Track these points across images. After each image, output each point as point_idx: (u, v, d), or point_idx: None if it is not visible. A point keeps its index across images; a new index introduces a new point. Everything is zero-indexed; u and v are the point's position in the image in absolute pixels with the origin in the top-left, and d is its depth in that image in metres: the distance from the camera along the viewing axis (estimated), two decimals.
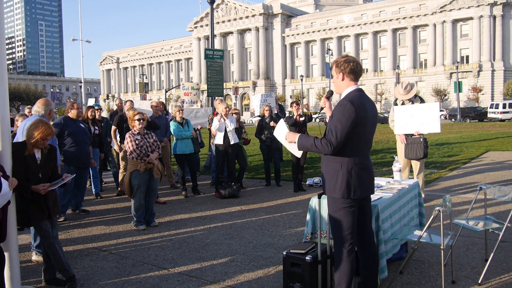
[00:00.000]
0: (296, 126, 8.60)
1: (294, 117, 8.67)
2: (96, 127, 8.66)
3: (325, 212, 3.73)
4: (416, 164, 7.35)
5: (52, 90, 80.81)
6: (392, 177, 5.08)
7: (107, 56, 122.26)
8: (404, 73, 72.39)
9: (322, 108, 3.81)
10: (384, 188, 4.42)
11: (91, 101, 10.21)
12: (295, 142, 3.37)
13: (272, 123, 9.01)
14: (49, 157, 4.32)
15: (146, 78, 76.01)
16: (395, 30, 76.54)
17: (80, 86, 60.50)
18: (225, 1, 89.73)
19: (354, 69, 3.28)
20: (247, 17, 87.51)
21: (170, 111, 11.24)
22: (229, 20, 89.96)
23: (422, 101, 7.39)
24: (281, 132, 3.61)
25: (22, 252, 5.41)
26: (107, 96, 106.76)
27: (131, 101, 9.52)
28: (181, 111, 8.65)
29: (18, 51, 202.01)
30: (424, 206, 5.11)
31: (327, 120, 3.60)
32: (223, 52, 12.56)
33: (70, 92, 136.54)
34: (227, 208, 7.48)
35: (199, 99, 12.14)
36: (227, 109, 8.49)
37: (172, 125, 8.60)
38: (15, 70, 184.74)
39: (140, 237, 5.97)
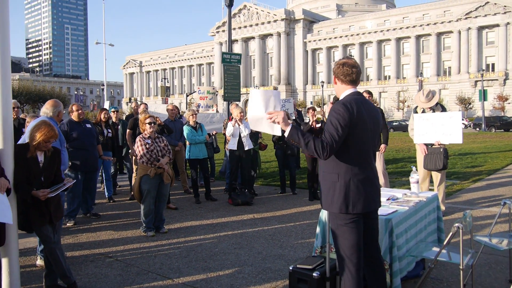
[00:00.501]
0: (312, 133, 8.38)
1: (310, 123, 8.45)
2: (109, 130, 8.59)
3: None
4: (436, 175, 7.03)
5: (76, 92, 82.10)
6: (410, 189, 4.82)
7: (130, 59, 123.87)
8: (428, 81, 71.27)
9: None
10: (400, 200, 4.17)
11: (107, 104, 10.16)
12: (284, 130, 3.03)
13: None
14: (53, 161, 4.21)
15: (167, 82, 76.61)
16: (418, 37, 75.45)
17: (102, 89, 61.25)
18: (247, 6, 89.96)
19: (348, 73, 3.09)
20: (269, 22, 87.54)
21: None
22: (250, 25, 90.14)
23: (443, 109, 7.09)
24: (264, 103, 3.14)
25: (29, 255, 5.35)
26: (129, 99, 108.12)
27: (145, 104, 9.44)
28: (194, 115, 8.52)
29: (44, 54, 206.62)
30: (445, 220, 4.85)
31: (315, 126, 3.42)
32: (240, 56, 12.43)
33: (94, 94, 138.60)
34: (239, 216, 7.30)
35: (215, 103, 12.02)
36: (242, 113, 8.32)
37: (186, 130, 8.48)
38: (41, 72, 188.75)
39: (148, 244, 5.83)
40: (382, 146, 8.03)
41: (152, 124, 6.28)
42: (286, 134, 3.01)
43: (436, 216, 4.50)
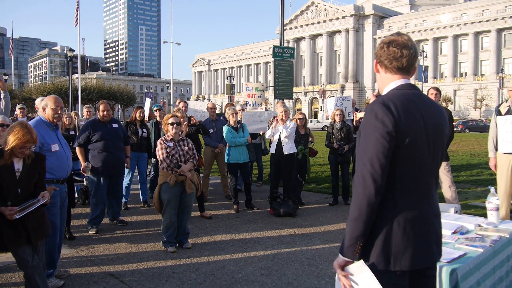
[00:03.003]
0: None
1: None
2: (145, 130, 7.97)
3: None
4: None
5: (146, 90, 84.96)
6: (486, 217, 3.60)
7: (199, 58, 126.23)
8: (510, 77, 65.71)
9: None
10: (472, 236, 3.01)
11: (148, 102, 9.65)
12: (343, 264, 2.01)
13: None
14: (33, 169, 3.51)
15: (233, 80, 77.01)
16: (500, 31, 69.66)
17: (167, 87, 62.51)
18: (315, 3, 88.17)
19: (395, 56, 2.04)
20: (337, 18, 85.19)
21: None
22: (318, 22, 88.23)
23: None
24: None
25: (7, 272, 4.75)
26: (197, 97, 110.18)
27: (185, 102, 8.72)
28: (235, 115, 7.65)
29: (120, 54, 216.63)
30: None
31: None
32: (293, 50, 11.42)
33: (164, 93, 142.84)
34: (278, 230, 6.35)
35: (264, 101, 11.12)
36: (285, 113, 7.33)
37: (225, 130, 7.64)
38: (117, 71, 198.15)
39: (164, 263, 5.05)
40: (444, 164, 6.43)
41: (175, 125, 5.48)
42: (347, 255, 1.98)
43: None
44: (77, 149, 6.32)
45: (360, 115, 8.01)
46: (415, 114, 1.95)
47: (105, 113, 6.35)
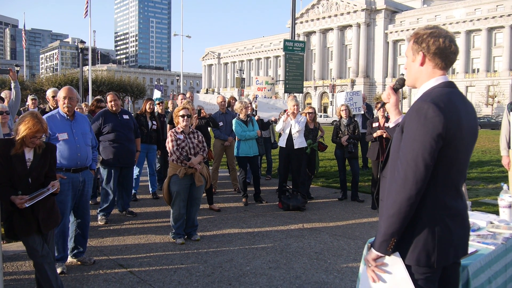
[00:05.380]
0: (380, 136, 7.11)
1: (379, 120, 7.21)
2: (154, 122, 7.98)
3: None
4: None
5: (156, 83, 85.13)
6: (498, 214, 3.56)
7: (209, 51, 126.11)
8: None
9: (383, 104, 2.44)
10: (483, 233, 2.98)
11: (157, 93, 9.62)
12: (376, 257, 2.01)
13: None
14: (44, 159, 3.53)
15: (243, 73, 76.88)
16: None
17: (177, 80, 62.45)
18: None
19: (444, 49, 1.98)
20: (348, 13, 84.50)
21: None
22: (329, 16, 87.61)
23: None
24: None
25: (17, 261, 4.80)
26: (207, 90, 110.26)
27: (183, 94, 8.67)
28: (245, 109, 7.63)
29: (131, 46, 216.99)
30: None
31: (389, 126, 2.33)
32: (304, 44, 11.34)
33: (174, 85, 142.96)
34: (286, 225, 6.34)
35: (274, 95, 11.08)
36: (296, 107, 7.30)
37: (235, 124, 7.63)
38: (127, 63, 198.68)
39: (172, 253, 5.07)
40: None
41: (186, 117, 5.48)
42: (381, 251, 1.98)
43: None
44: None
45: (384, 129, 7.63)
46: (461, 115, 1.92)
47: (112, 103, 6.34)
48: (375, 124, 7.21)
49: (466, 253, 2.08)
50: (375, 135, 7.06)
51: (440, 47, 1.98)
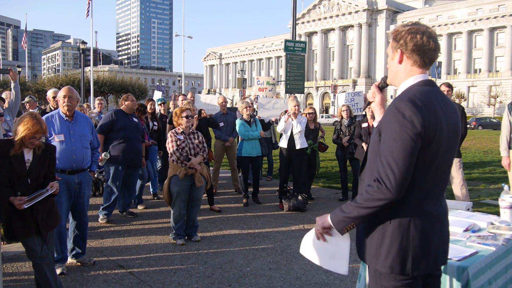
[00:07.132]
0: (369, 134, 7.05)
1: (368, 120, 7.10)
2: (155, 122, 7.98)
3: None
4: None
5: (158, 83, 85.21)
6: (499, 215, 3.54)
7: (210, 52, 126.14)
8: None
9: (369, 104, 2.39)
10: (484, 234, 2.96)
11: (158, 94, 9.63)
12: (327, 227, 2.03)
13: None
14: (43, 160, 3.52)
15: (245, 74, 76.90)
16: None
17: (179, 80, 62.54)
18: None
19: (422, 45, 1.91)
20: (350, 13, 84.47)
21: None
22: (331, 17, 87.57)
23: None
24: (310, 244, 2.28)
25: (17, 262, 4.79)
26: (208, 91, 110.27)
27: (184, 95, 8.68)
28: (248, 108, 7.63)
29: (132, 47, 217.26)
30: None
31: (371, 125, 2.31)
32: (305, 44, 11.33)
33: (176, 86, 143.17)
34: (287, 226, 6.32)
35: (275, 95, 11.07)
36: (297, 107, 7.28)
37: (238, 124, 7.62)
38: (129, 64, 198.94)
39: (172, 254, 5.07)
40: (456, 160, 6.39)
41: (190, 118, 5.48)
42: (336, 227, 1.99)
43: None
44: (99, 136, 6.35)
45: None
46: (439, 114, 1.86)
47: (133, 102, 6.54)
48: (364, 125, 7.16)
49: (445, 262, 2.00)
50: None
51: (418, 44, 1.92)
